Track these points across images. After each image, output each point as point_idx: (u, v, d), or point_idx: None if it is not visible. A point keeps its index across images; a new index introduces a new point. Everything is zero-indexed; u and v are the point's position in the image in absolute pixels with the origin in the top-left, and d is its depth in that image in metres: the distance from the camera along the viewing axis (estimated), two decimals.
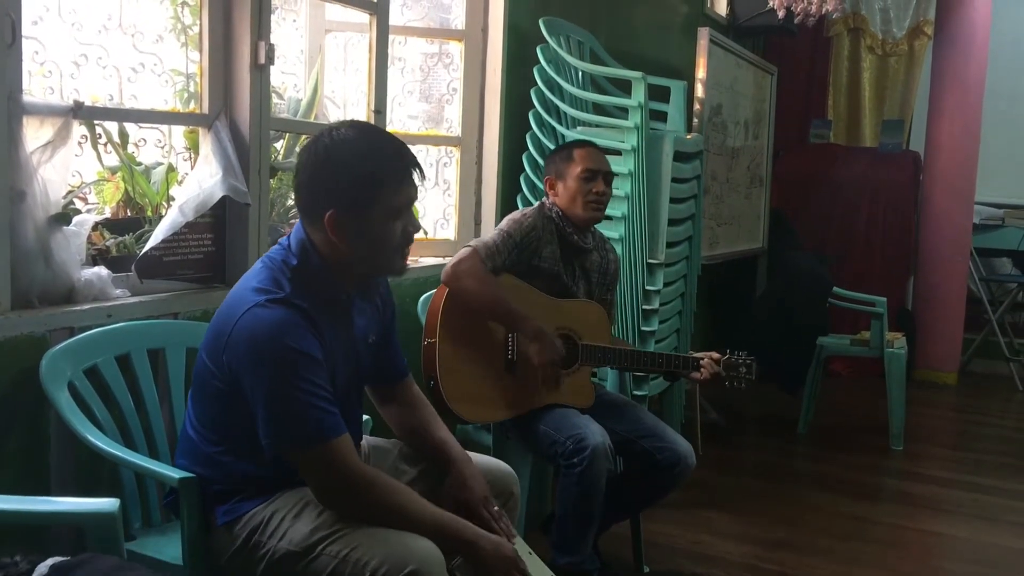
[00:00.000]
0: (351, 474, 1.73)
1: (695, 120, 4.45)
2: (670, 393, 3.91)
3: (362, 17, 3.08)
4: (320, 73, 3.09)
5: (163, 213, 2.41)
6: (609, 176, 2.81)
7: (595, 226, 2.86)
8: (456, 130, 3.61)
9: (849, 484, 4.02)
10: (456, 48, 3.60)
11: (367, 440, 2.11)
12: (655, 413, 2.98)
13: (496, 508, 1.95)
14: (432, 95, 3.71)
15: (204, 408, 1.84)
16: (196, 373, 1.86)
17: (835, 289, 4.86)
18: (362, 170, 1.76)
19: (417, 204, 3.39)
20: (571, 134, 3.49)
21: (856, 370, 5.93)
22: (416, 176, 1.82)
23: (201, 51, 2.47)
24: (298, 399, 1.69)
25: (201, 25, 2.47)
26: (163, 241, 2.29)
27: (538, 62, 3.60)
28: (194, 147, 2.56)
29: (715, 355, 2.73)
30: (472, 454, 2.09)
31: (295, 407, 1.69)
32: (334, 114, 3.32)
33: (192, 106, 2.54)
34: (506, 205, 3.61)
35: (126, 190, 2.41)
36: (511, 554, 1.83)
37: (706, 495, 3.71)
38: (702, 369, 2.70)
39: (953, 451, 4.79)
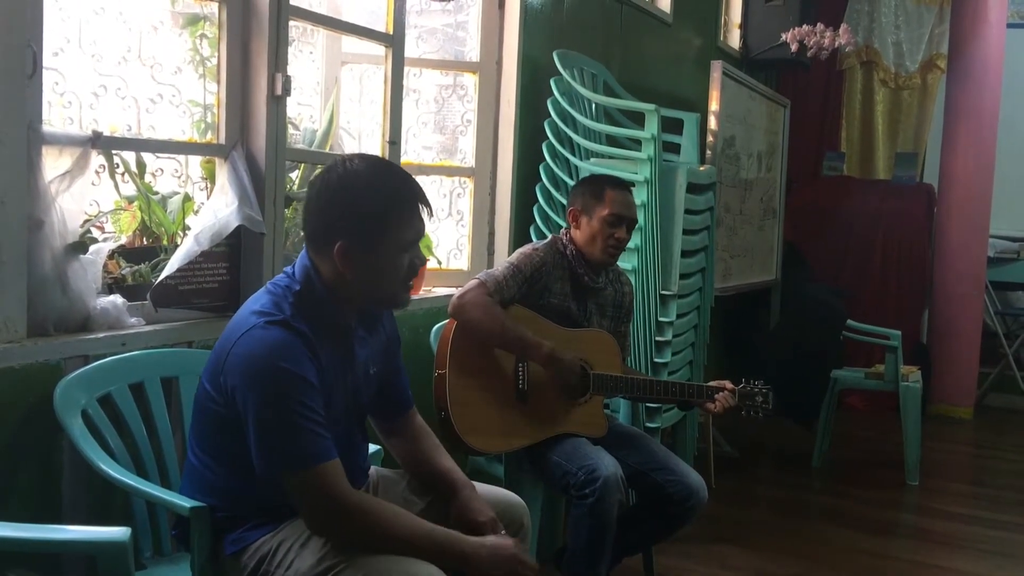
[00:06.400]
0: (339, 499, 1.71)
1: (708, 152, 4.46)
2: (683, 425, 3.89)
3: (378, 49, 3.11)
4: (336, 104, 3.11)
5: (179, 242, 2.42)
6: (632, 223, 2.80)
7: None
8: (470, 161, 3.63)
9: (865, 519, 3.98)
10: (470, 80, 3.63)
11: (376, 470, 2.11)
12: (667, 445, 2.96)
13: (503, 532, 1.93)
14: (446, 126, 3.73)
15: (205, 435, 1.84)
16: (197, 400, 1.86)
17: (849, 322, 4.83)
18: (374, 204, 1.78)
19: (431, 234, 3.45)
20: (584, 166, 3.50)
21: (871, 404, 5.89)
22: (424, 212, 1.84)
23: (219, 82, 2.50)
24: (289, 421, 1.69)
25: (219, 57, 2.50)
26: (178, 270, 2.31)
27: (552, 94, 3.62)
28: (210, 177, 2.58)
29: (730, 385, 2.72)
30: (483, 485, 2.08)
31: (286, 428, 1.69)
32: (349, 145, 3.34)
33: (209, 136, 2.56)
34: (519, 236, 3.62)
35: (142, 219, 2.43)
36: (511, 552, 1.82)
37: (719, 529, 3.68)
38: (716, 402, 2.68)
39: (970, 486, 4.74)
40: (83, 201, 2.12)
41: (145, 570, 2.00)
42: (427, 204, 1.85)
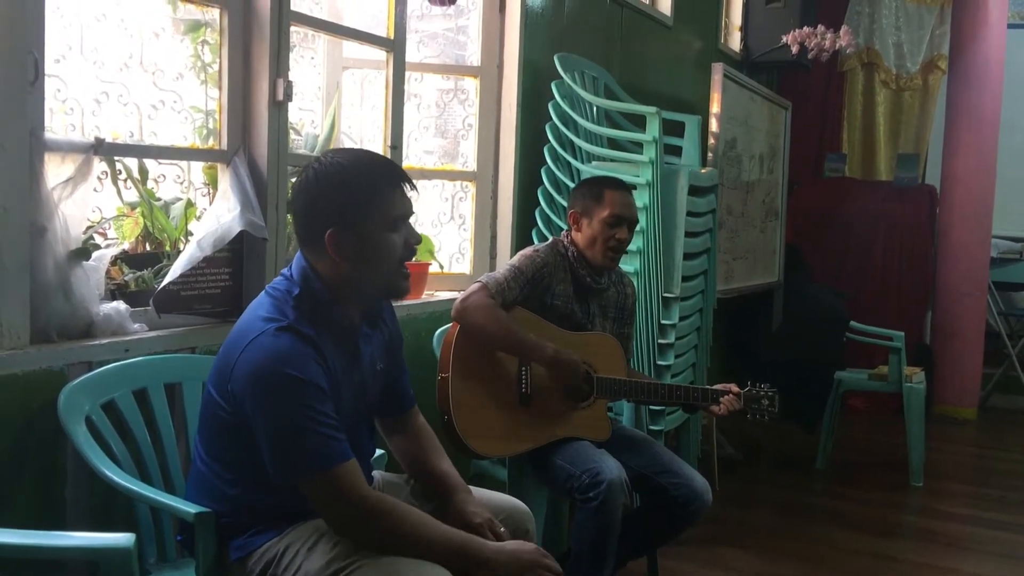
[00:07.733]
0: (360, 500, 1.72)
1: (710, 154, 4.46)
2: (686, 428, 3.89)
3: (379, 54, 3.11)
4: (337, 109, 3.12)
5: (181, 248, 2.43)
6: (633, 223, 2.80)
7: None
8: (471, 165, 3.63)
9: (869, 521, 3.97)
10: (471, 84, 3.63)
11: (380, 475, 2.11)
12: (671, 448, 2.96)
13: (503, 530, 1.93)
14: (448, 130, 3.73)
15: (212, 441, 1.84)
16: (203, 406, 1.86)
17: (852, 323, 4.83)
18: (355, 186, 1.79)
19: (433, 238, 3.45)
20: (586, 169, 3.50)
21: (874, 405, 5.88)
22: (407, 189, 1.85)
23: (220, 88, 2.51)
24: (302, 427, 1.69)
25: (221, 63, 2.50)
26: (181, 276, 2.31)
27: (553, 98, 3.62)
28: (213, 183, 2.58)
29: (734, 388, 2.71)
30: (486, 491, 2.08)
31: (299, 435, 1.69)
32: None
33: (211, 142, 2.56)
34: (521, 239, 3.62)
35: (145, 225, 2.43)
36: (532, 556, 1.81)
37: (723, 531, 3.68)
38: (721, 406, 2.67)
39: (974, 487, 4.73)
40: (85, 207, 2.13)
41: None
42: (409, 182, 1.86)
